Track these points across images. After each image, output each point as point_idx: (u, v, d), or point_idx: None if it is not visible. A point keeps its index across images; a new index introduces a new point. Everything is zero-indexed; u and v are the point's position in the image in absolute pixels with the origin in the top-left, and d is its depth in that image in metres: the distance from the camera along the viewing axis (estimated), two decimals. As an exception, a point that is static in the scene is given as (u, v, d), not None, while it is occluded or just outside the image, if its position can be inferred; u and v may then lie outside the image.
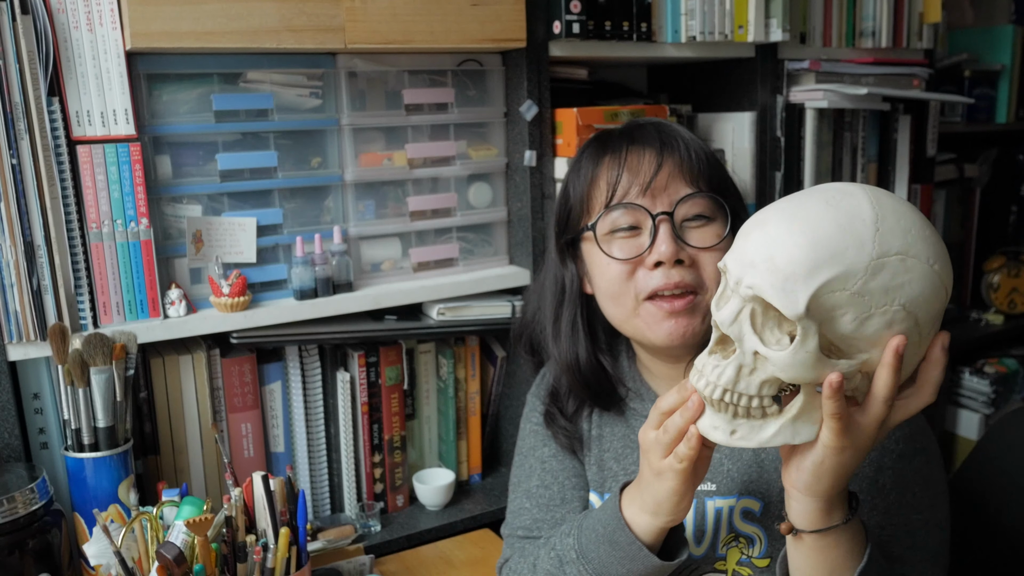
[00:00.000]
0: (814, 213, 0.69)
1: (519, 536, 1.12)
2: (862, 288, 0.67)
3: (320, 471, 1.54)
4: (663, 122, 1.06)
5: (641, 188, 0.98)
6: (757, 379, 0.72)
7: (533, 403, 1.21)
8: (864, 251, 0.67)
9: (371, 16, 1.36)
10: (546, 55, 1.54)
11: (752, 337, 0.70)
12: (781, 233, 0.69)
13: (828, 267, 0.67)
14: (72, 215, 1.24)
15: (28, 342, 1.23)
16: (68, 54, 1.21)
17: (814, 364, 0.69)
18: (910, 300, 0.69)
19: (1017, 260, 2.53)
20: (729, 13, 1.64)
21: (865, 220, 0.68)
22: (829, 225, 0.68)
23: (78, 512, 1.24)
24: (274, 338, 1.41)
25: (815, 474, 0.76)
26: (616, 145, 1.02)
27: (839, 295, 0.67)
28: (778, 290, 0.67)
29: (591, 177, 1.03)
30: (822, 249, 0.67)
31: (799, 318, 0.67)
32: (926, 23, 1.96)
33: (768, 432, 0.74)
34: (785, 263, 0.67)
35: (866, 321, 0.69)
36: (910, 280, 0.68)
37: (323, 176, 1.46)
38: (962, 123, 2.38)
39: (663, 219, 0.97)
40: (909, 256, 0.68)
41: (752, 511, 0.99)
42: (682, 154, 0.99)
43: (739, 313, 0.71)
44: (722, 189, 1.01)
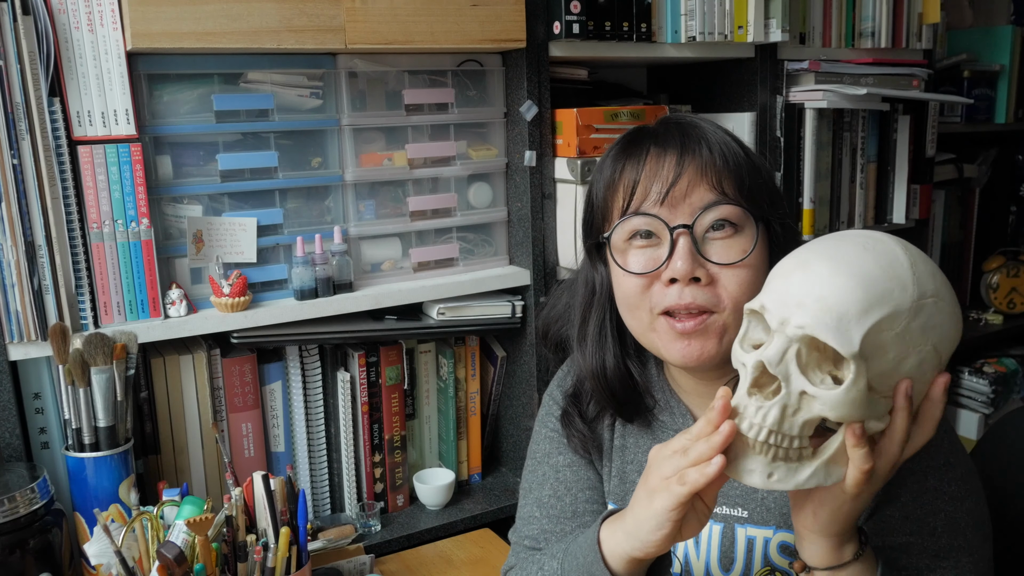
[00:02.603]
0: (855, 255, 0.71)
1: (525, 546, 1.09)
2: (906, 328, 0.70)
3: (320, 471, 1.54)
4: (691, 121, 0.96)
5: (659, 197, 0.90)
6: (800, 419, 0.71)
7: (549, 405, 1.14)
8: (907, 293, 0.69)
9: (371, 16, 1.36)
10: (546, 55, 1.54)
11: (800, 377, 0.70)
12: (828, 273, 0.70)
13: (879, 307, 0.68)
14: (73, 215, 1.24)
15: (29, 342, 1.23)
16: (69, 54, 1.21)
17: (864, 403, 0.70)
18: (940, 340, 0.72)
19: (1016, 260, 2.53)
20: (729, 13, 1.64)
21: (903, 263, 0.71)
22: (873, 267, 0.70)
23: (79, 512, 1.24)
24: (274, 338, 1.41)
25: (834, 518, 0.76)
26: (638, 147, 0.94)
27: (886, 335, 0.69)
28: (832, 329, 0.68)
29: (611, 180, 0.96)
30: (872, 289, 0.69)
31: (854, 356, 0.68)
32: (925, 23, 1.96)
33: (804, 474, 0.73)
34: (836, 302, 0.68)
35: (904, 361, 0.71)
36: (941, 322, 0.72)
37: (323, 176, 1.46)
38: (961, 123, 2.38)
39: (682, 232, 0.89)
40: (940, 299, 0.72)
41: (790, 545, 0.94)
42: (704, 157, 0.90)
43: (785, 353, 0.70)
44: (754, 195, 0.91)
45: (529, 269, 1.60)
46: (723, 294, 0.89)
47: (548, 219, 1.60)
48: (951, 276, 2.55)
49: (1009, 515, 1.15)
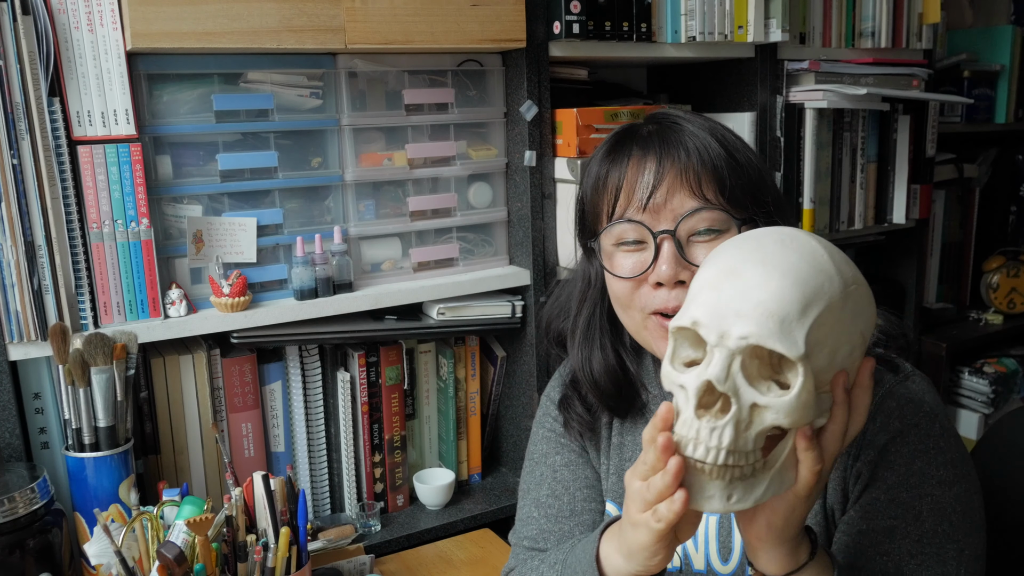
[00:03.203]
0: (780, 254, 0.69)
1: (525, 547, 1.10)
2: (838, 319, 0.68)
3: (320, 471, 1.54)
4: (674, 121, 0.95)
5: (640, 204, 0.91)
6: (753, 433, 0.69)
7: (547, 405, 1.14)
8: (835, 284, 0.68)
9: (371, 16, 1.36)
10: (546, 55, 1.54)
11: (749, 389, 0.68)
12: (761, 278, 0.67)
13: (816, 303, 0.67)
14: (73, 215, 1.24)
15: (29, 342, 1.23)
16: (69, 54, 1.21)
17: (815, 403, 0.69)
18: (866, 326, 0.72)
19: (1016, 260, 2.53)
20: (729, 13, 1.64)
21: (823, 255, 0.69)
22: (800, 263, 0.68)
23: (79, 512, 1.24)
24: (274, 338, 1.41)
25: (786, 523, 0.75)
26: (621, 150, 0.95)
27: (824, 329, 0.67)
28: (776, 334, 0.66)
29: (597, 182, 0.96)
30: (807, 287, 0.67)
31: (801, 358, 0.66)
32: (925, 23, 1.96)
33: (761, 488, 0.71)
34: (777, 306, 0.66)
35: (838, 352, 0.69)
36: (864, 307, 0.71)
37: (323, 176, 1.46)
38: (961, 123, 2.38)
39: (665, 237, 0.90)
40: (859, 284, 0.71)
41: None
42: (682, 162, 0.90)
43: (730, 367, 0.67)
44: (736, 196, 0.91)
45: (529, 269, 1.60)
46: None
47: (548, 219, 1.60)
48: (951, 276, 2.56)
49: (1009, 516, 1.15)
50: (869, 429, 0.88)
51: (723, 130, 0.95)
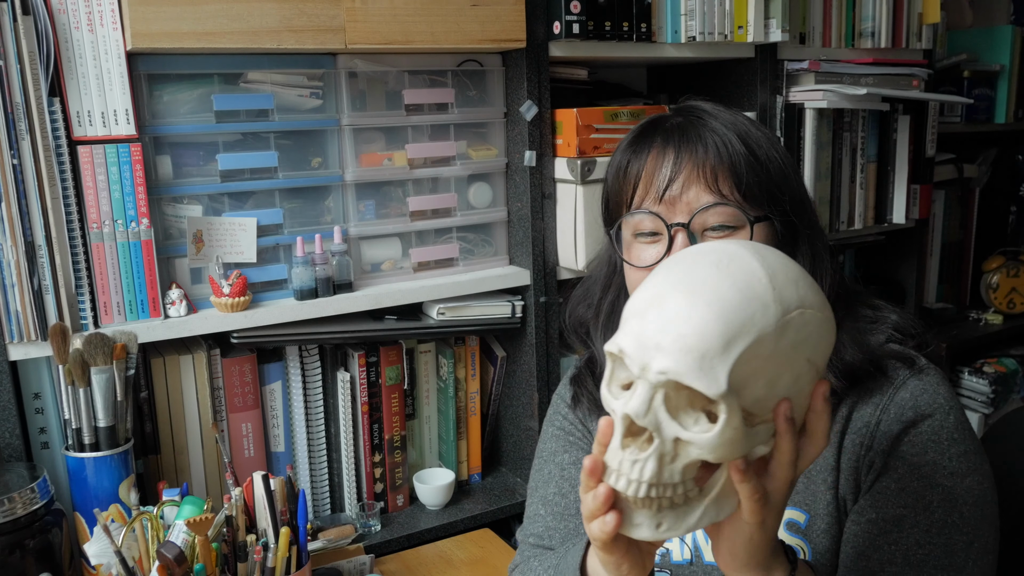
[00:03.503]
0: (710, 281, 0.65)
1: (531, 544, 1.10)
2: (774, 351, 0.64)
3: (320, 471, 1.54)
4: (697, 114, 0.95)
5: (657, 195, 0.92)
6: (679, 465, 0.66)
7: (557, 404, 1.15)
8: (769, 313, 0.64)
9: (371, 16, 1.36)
10: (546, 55, 1.54)
11: (671, 424, 0.65)
12: (684, 308, 0.64)
13: (742, 337, 0.63)
14: (73, 215, 1.24)
15: (29, 342, 1.23)
16: (69, 54, 1.21)
17: (742, 439, 0.65)
18: (813, 352, 0.68)
19: (1016, 260, 2.53)
20: (729, 13, 1.64)
21: (761, 280, 0.65)
22: (729, 291, 0.64)
23: (79, 512, 1.24)
24: (274, 338, 1.42)
25: (748, 551, 0.74)
26: (644, 140, 0.95)
27: (755, 362, 0.64)
28: (695, 371, 0.62)
29: (619, 171, 0.97)
30: (731, 319, 0.63)
31: (722, 396, 0.62)
32: (925, 23, 1.96)
33: (694, 517, 0.69)
34: (697, 341, 0.62)
35: (778, 382, 0.66)
36: (811, 332, 0.67)
37: (323, 176, 1.46)
38: (961, 123, 2.38)
39: (678, 230, 0.91)
40: (806, 307, 0.66)
41: (797, 523, 0.93)
42: (700, 156, 0.91)
43: (652, 401, 0.64)
44: (753, 193, 0.90)
45: (529, 269, 1.60)
46: None
47: (548, 219, 1.60)
48: (951, 276, 2.55)
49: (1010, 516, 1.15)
50: (882, 420, 0.88)
51: (749, 125, 0.95)
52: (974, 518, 0.86)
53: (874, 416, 0.89)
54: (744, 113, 0.98)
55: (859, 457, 0.90)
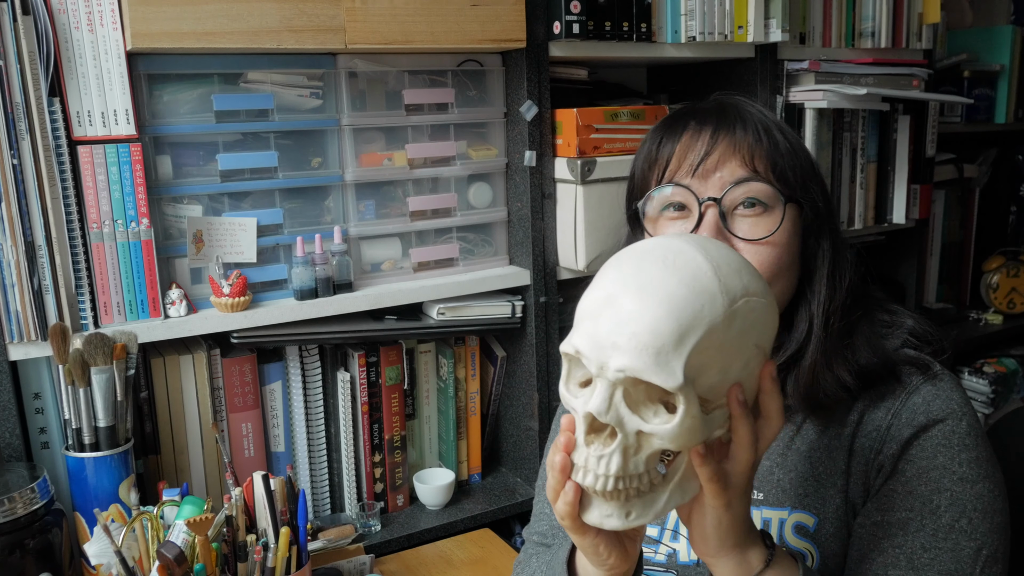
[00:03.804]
0: (658, 279, 0.68)
1: (535, 542, 1.11)
2: (723, 340, 0.68)
3: (320, 471, 1.54)
4: (734, 101, 0.97)
5: (691, 168, 0.92)
6: (643, 456, 0.69)
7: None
8: (717, 304, 0.67)
9: (371, 16, 1.36)
10: (546, 55, 1.54)
11: (632, 418, 0.68)
12: (636, 308, 0.66)
13: (694, 331, 0.66)
14: (73, 215, 1.24)
15: (29, 342, 1.23)
16: (69, 54, 1.21)
17: (701, 426, 0.68)
18: (760, 336, 0.72)
19: (1016, 260, 2.53)
20: (729, 13, 1.64)
21: (706, 273, 0.68)
22: (678, 287, 0.67)
23: (79, 512, 1.24)
24: (274, 338, 1.41)
25: (718, 535, 0.76)
26: (678, 123, 0.96)
27: (707, 353, 0.67)
28: (652, 367, 0.65)
29: (650, 153, 0.97)
30: (683, 314, 0.66)
31: (679, 388, 0.66)
32: (925, 23, 1.96)
33: (661, 502, 0.72)
34: (652, 338, 0.65)
35: (729, 369, 0.70)
36: (757, 318, 0.70)
37: (323, 176, 1.46)
38: (961, 123, 2.38)
39: (710, 205, 0.90)
40: (750, 295, 0.70)
41: (805, 526, 0.93)
42: (738, 134, 0.91)
43: (612, 398, 0.67)
44: (786, 176, 0.91)
45: (529, 269, 1.60)
46: None
47: (548, 219, 1.60)
48: (951, 276, 2.55)
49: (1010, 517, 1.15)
50: (893, 424, 0.88)
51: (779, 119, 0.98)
52: (983, 525, 0.85)
53: (885, 420, 0.89)
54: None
55: (868, 461, 0.89)
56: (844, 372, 0.89)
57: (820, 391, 0.89)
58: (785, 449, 0.94)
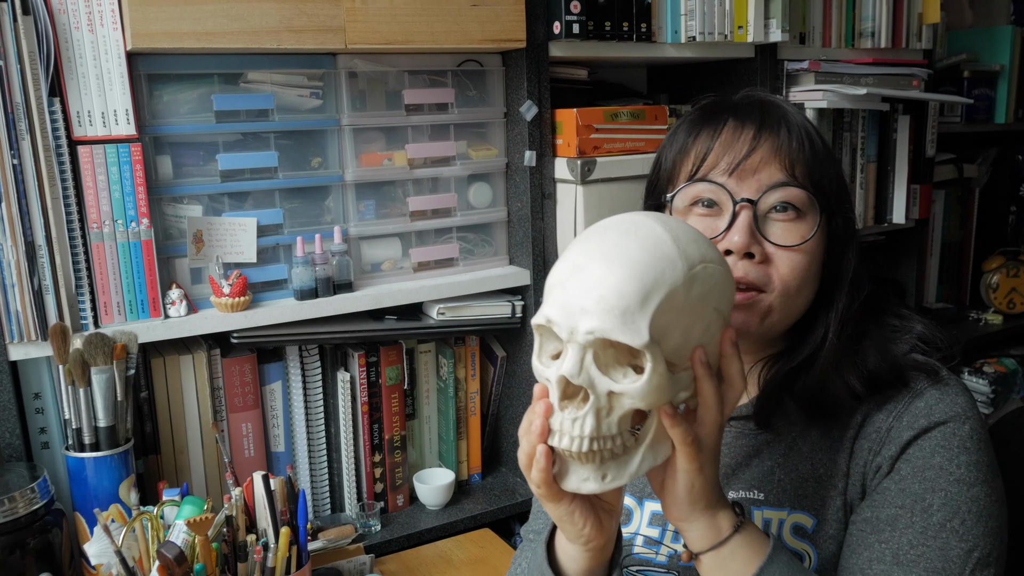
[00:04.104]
0: (622, 246, 0.72)
1: (530, 539, 1.10)
2: (685, 302, 0.72)
3: (320, 471, 1.54)
4: (773, 101, 0.95)
5: (729, 167, 0.90)
6: (615, 418, 0.73)
7: None
8: (677, 269, 0.71)
9: (371, 16, 1.36)
10: (546, 55, 1.54)
11: (603, 379, 0.71)
12: (602, 273, 0.71)
13: (656, 292, 0.70)
14: (73, 215, 1.24)
15: (29, 342, 1.23)
16: (69, 54, 1.21)
17: (668, 384, 0.72)
18: (719, 301, 0.76)
19: (1016, 260, 2.53)
20: (729, 13, 1.64)
21: (666, 241, 0.73)
22: (640, 253, 0.71)
23: (79, 511, 1.24)
24: (274, 338, 1.41)
25: (691, 498, 0.78)
26: (716, 117, 0.94)
27: (670, 314, 0.71)
28: (619, 326, 0.69)
29: (683, 146, 0.95)
30: (645, 277, 0.70)
31: (645, 345, 0.69)
32: (925, 24, 1.96)
33: (635, 463, 0.75)
34: (617, 299, 0.69)
35: (691, 331, 0.74)
36: (715, 284, 0.75)
37: (323, 176, 1.46)
38: (961, 123, 2.38)
39: (744, 206, 0.89)
40: (707, 262, 0.74)
41: (804, 527, 0.92)
42: (782, 137, 0.90)
43: (583, 361, 0.71)
44: (823, 185, 0.91)
45: (529, 269, 1.60)
46: (774, 275, 0.89)
47: (548, 219, 1.60)
48: (951, 276, 2.55)
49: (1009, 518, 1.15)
50: (894, 426, 0.88)
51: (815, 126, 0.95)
52: (977, 527, 0.84)
53: (886, 422, 0.89)
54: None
55: (867, 462, 0.89)
56: (853, 378, 0.89)
57: (828, 397, 0.89)
58: (787, 450, 0.94)
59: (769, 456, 0.94)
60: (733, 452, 0.97)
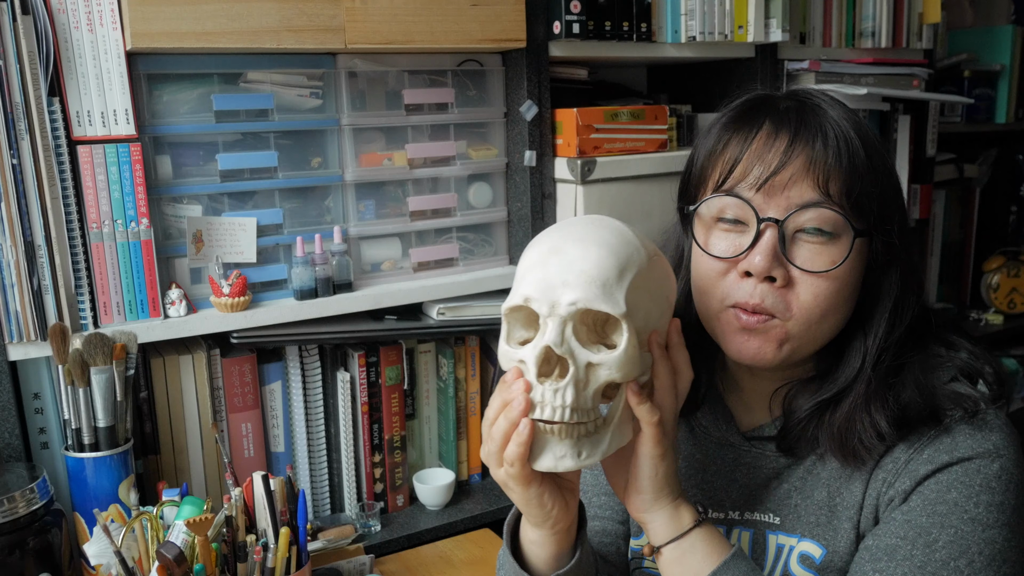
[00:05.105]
0: (593, 232, 0.77)
1: None
2: (647, 283, 0.77)
3: (320, 471, 1.54)
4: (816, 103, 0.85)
5: (756, 182, 0.82)
6: (591, 391, 0.76)
7: None
8: (641, 253, 0.77)
9: (371, 16, 1.36)
10: (546, 55, 1.54)
11: (583, 350, 0.75)
12: (581, 251, 0.75)
13: (629, 269, 0.75)
14: (72, 215, 1.24)
15: (28, 342, 1.23)
16: (68, 54, 1.21)
17: (641, 356, 0.77)
18: (669, 290, 0.82)
19: (1016, 260, 2.53)
20: (729, 13, 1.64)
21: (627, 231, 0.78)
22: (610, 236, 0.77)
23: (78, 512, 1.24)
24: (274, 338, 1.41)
25: (654, 486, 0.80)
26: (751, 120, 0.85)
27: (638, 292, 0.76)
28: (600, 297, 0.73)
29: (713, 150, 0.87)
30: (618, 255, 0.75)
31: (624, 315, 0.74)
32: (926, 23, 1.96)
33: (606, 441, 0.78)
34: (598, 272, 0.74)
35: (651, 313, 0.78)
36: (666, 274, 0.81)
37: (323, 176, 1.46)
38: (962, 123, 2.38)
39: (769, 225, 0.81)
40: (659, 255, 0.80)
41: (811, 556, 0.87)
42: (816, 150, 0.81)
43: (564, 332, 0.74)
44: (862, 204, 0.81)
45: (529, 269, 1.60)
46: (794, 302, 0.82)
47: (548, 219, 1.60)
48: (951, 276, 2.56)
49: None
50: (914, 459, 0.82)
51: (866, 127, 0.86)
52: (986, 572, 0.77)
53: (905, 454, 0.83)
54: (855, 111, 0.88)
55: (880, 494, 0.84)
56: (882, 419, 0.82)
57: (853, 435, 0.83)
58: (806, 473, 0.90)
59: (787, 479, 0.90)
60: (753, 473, 0.92)
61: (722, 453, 0.96)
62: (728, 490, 0.94)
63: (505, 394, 0.77)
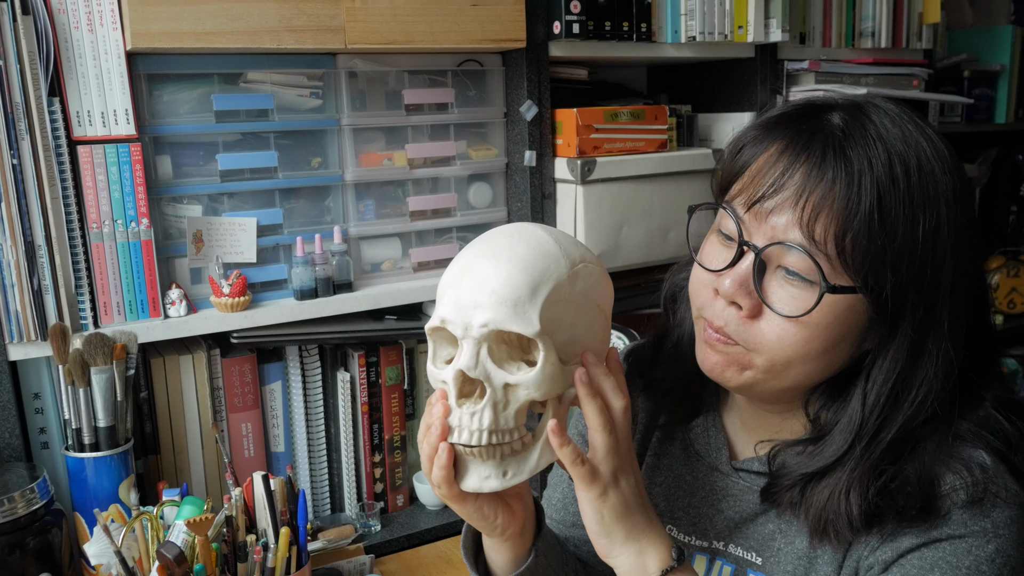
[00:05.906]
0: (508, 246, 0.75)
1: None
2: (570, 296, 0.74)
3: (320, 471, 1.54)
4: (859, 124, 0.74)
5: (748, 201, 0.76)
6: (512, 411, 0.74)
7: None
8: (561, 265, 0.74)
9: (371, 16, 1.36)
10: (546, 55, 1.54)
11: (499, 372, 0.73)
12: (491, 269, 0.73)
13: (544, 285, 0.73)
14: (73, 215, 1.24)
15: (29, 342, 1.23)
16: (69, 54, 1.21)
17: (560, 374, 0.75)
18: (601, 298, 0.79)
19: (1016, 260, 2.53)
20: (729, 13, 1.64)
21: (548, 241, 0.76)
22: (526, 251, 0.74)
23: (79, 512, 1.24)
24: (274, 338, 1.41)
25: (604, 530, 0.75)
26: (773, 129, 0.78)
27: (557, 307, 0.73)
28: (512, 317, 0.72)
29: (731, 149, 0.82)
30: (533, 270, 0.73)
31: (537, 334, 0.72)
32: (925, 23, 1.96)
33: (534, 459, 0.77)
34: (509, 291, 0.72)
35: (577, 325, 0.76)
36: (596, 282, 0.78)
37: (323, 176, 1.46)
38: (961, 123, 2.38)
39: (749, 251, 0.76)
40: (587, 262, 0.77)
41: None
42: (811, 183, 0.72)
43: (478, 354, 0.73)
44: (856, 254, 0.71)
45: (529, 269, 1.60)
46: (758, 337, 0.76)
47: (548, 219, 1.60)
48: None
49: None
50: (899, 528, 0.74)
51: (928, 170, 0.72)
52: None
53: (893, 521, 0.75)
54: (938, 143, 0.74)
55: (860, 558, 0.77)
56: (857, 510, 0.74)
57: (827, 522, 0.76)
58: (792, 516, 0.83)
59: (773, 519, 0.86)
60: (740, 506, 0.88)
61: (712, 479, 0.92)
62: (713, 519, 0.90)
63: (427, 417, 0.77)
